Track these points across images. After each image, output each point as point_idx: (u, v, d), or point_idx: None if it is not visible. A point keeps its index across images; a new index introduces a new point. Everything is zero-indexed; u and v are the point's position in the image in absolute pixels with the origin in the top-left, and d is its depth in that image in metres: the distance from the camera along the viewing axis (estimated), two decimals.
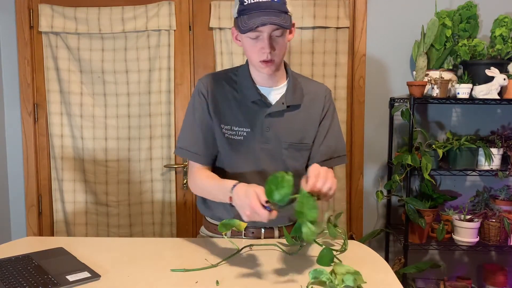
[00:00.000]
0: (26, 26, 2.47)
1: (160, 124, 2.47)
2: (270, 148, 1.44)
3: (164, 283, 1.16)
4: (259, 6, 1.27)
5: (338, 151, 1.51)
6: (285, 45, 1.38)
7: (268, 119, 1.43)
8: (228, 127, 1.44)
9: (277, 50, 1.34)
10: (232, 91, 1.46)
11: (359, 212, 2.47)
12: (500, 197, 2.33)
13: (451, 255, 2.49)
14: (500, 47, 2.17)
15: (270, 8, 1.27)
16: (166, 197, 2.51)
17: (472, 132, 2.41)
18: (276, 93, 1.45)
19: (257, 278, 1.19)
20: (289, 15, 1.32)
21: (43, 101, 2.51)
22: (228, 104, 1.45)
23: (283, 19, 1.28)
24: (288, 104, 1.44)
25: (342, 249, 1.38)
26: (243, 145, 1.43)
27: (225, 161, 1.48)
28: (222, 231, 1.33)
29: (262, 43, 1.32)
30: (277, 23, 1.26)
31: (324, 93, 1.52)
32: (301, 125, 1.46)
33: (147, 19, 2.41)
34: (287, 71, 1.50)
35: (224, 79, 1.48)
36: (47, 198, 2.57)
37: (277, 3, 1.28)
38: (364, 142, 2.44)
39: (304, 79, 1.55)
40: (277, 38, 1.33)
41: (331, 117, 1.51)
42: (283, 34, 1.33)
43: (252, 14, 1.28)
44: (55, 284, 1.12)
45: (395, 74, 2.41)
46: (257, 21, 1.26)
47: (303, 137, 1.46)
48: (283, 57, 1.41)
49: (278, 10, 1.28)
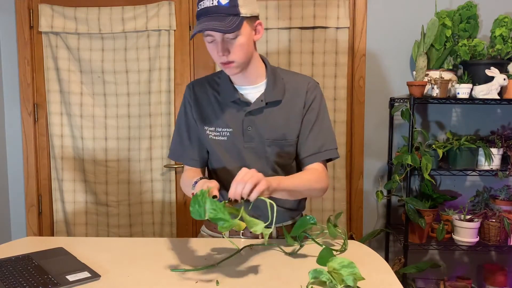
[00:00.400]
0: (26, 26, 2.47)
1: (160, 124, 2.47)
2: (254, 146, 1.45)
3: (164, 283, 1.16)
4: (207, 11, 1.30)
5: (326, 145, 1.47)
6: (244, 46, 1.34)
7: (248, 118, 1.44)
8: (212, 129, 1.48)
9: (233, 53, 1.34)
10: (214, 93, 1.50)
11: (359, 212, 2.47)
12: (500, 197, 2.33)
13: (451, 255, 2.49)
14: (500, 47, 2.17)
15: (217, 13, 1.28)
16: (166, 197, 2.51)
17: (472, 132, 2.41)
18: (256, 91, 1.46)
19: (257, 278, 1.19)
20: (240, 17, 1.30)
21: (43, 101, 2.51)
22: (211, 106, 1.49)
23: (227, 23, 1.28)
24: (267, 101, 1.44)
25: (342, 249, 1.38)
26: (228, 144, 1.46)
27: (213, 161, 1.53)
28: (222, 231, 1.33)
29: (217, 47, 1.34)
30: (211, 28, 1.26)
31: (305, 87, 1.48)
32: (282, 121, 1.46)
33: (147, 19, 2.41)
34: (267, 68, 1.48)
35: (208, 83, 1.52)
36: (47, 198, 2.57)
37: (225, 7, 1.28)
38: (364, 142, 2.44)
39: (289, 74, 1.52)
40: (231, 41, 1.33)
41: (317, 111, 1.48)
42: (238, 36, 1.32)
43: (200, 19, 1.31)
44: (55, 284, 1.12)
45: (395, 74, 2.41)
46: (198, 27, 1.29)
47: (285, 133, 1.46)
48: (247, 57, 1.38)
49: (225, 14, 1.28)
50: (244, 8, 1.30)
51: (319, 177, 1.44)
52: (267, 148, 1.45)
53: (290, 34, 2.39)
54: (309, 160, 1.47)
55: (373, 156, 2.46)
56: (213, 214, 1.13)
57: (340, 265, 0.98)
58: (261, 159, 1.46)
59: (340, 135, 2.40)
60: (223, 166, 1.49)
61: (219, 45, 1.33)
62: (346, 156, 2.44)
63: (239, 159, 1.46)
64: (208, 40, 1.35)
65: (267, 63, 1.50)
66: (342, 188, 2.44)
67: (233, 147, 1.46)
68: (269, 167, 1.47)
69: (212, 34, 1.32)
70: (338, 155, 1.50)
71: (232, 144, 1.46)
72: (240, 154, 1.46)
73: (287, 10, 2.36)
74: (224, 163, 1.48)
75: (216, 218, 1.13)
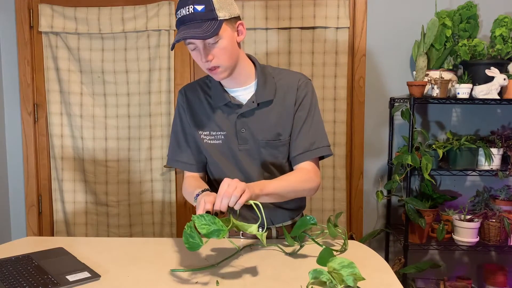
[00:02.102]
0: (26, 26, 2.47)
1: (160, 124, 2.47)
2: (248, 148, 1.44)
3: (164, 283, 1.16)
4: (183, 20, 1.30)
5: (317, 143, 1.45)
6: (227, 49, 1.32)
7: (241, 120, 1.43)
8: (206, 133, 1.47)
9: (217, 57, 1.32)
10: (206, 97, 1.49)
11: (359, 212, 2.47)
12: (500, 197, 2.33)
13: (451, 255, 2.49)
14: (500, 47, 2.17)
15: (193, 20, 1.28)
16: (166, 197, 2.51)
17: (472, 132, 2.41)
18: (246, 92, 1.45)
19: (257, 278, 1.19)
20: (218, 20, 1.28)
21: (43, 101, 2.51)
22: (204, 111, 1.48)
23: (205, 28, 1.26)
24: (259, 102, 1.42)
25: (342, 249, 1.38)
26: (223, 148, 1.45)
27: (210, 165, 1.51)
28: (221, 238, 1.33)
29: (199, 54, 1.33)
30: (190, 36, 1.25)
31: (296, 84, 1.45)
32: (275, 120, 1.44)
33: (147, 19, 2.41)
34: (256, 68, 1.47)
35: (199, 87, 1.51)
36: (47, 198, 2.57)
37: (201, 13, 1.27)
38: (364, 142, 2.44)
39: (279, 72, 1.50)
40: (213, 45, 1.31)
41: (308, 108, 1.45)
42: (218, 40, 1.30)
43: (180, 28, 1.31)
44: (55, 284, 1.12)
45: (395, 74, 2.41)
46: (176, 37, 1.29)
47: (279, 133, 1.44)
48: (233, 59, 1.36)
49: (201, 20, 1.27)
50: (221, 11, 1.28)
51: (308, 177, 1.41)
52: (261, 149, 1.44)
53: (290, 34, 2.38)
54: (300, 158, 1.43)
55: (373, 156, 2.46)
56: (205, 229, 1.11)
57: (340, 265, 0.98)
58: (255, 160, 1.45)
59: (340, 135, 2.40)
60: (219, 169, 1.48)
61: (201, 51, 1.32)
62: (346, 156, 2.44)
63: (234, 162, 1.46)
64: (190, 48, 1.34)
65: (256, 63, 1.47)
66: (342, 188, 2.44)
67: (228, 150, 1.45)
68: (264, 168, 1.46)
69: (194, 42, 1.31)
70: (330, 152, 1.47)
71: (227, 147, 1.45)
72: (235, 157, 1.45)
73: (287, 10, 2.36)
74: (220, 167, 1.47)
75: (211, 231, 1.12)
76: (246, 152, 1.45)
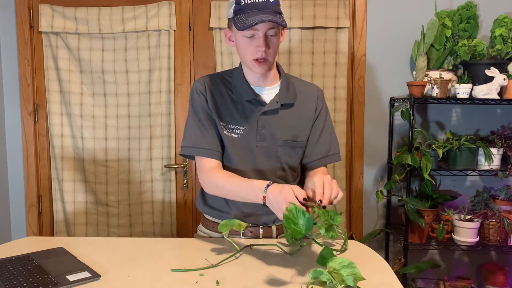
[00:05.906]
0: (26, 26, 2.47)
1: (160, 124, 2.47)
2: (266, 146, 1.47)
3: (164, 283, 1.16)
4: (255, 6, 1.32)
5: (332, 149, 1.55)
6: (278, 46, 1.42)
7: (263, 117, 1.46)
8: (226, 125, 1.47)
9: (271, 49, 1.39)
10: (228, 91, 1.50)
11: (359, 212, 2.47)
12: (500, 197, 2.33)
13: (451, 255, 2.49)
14: (500, 47, 2.18)
15: (266, 8, 1.32)
16: (166, 197, 2.51)
17: (472, 132, 2.41)
18: (270, 92, 1.49)
19: (257, 278, 1.19)
20: (282, 16, 1.36)
21: (43, 101, 2.51)
22: (225, 103, 1.48)
23: (279, 18, 1.33)
24: (282, 103, 1.47)
25: (342, 249, 1.38)
26: (241, 142, 1.47)
27: (224, 158, 1.50)
28: (222, 230, 1.34)
29: (257, 42, 1.36)
30: (275, 21, 1.30)
31: (316, 93, 1.56)
32: (294, 123, 1.50)
33: (147, 19, 2.41)
34: (280, 72, 1.54)
35: (219, 80, 1.52)
36: (47, 198, 2.57)
37: (272, 4, 1.34)
38: (364, 142, 2.44)
39: (296, 80, 1.60)
40: (271, 38, 1.37)
41: (325, 117, 1.56)
42: (277, 34, 1.38)
43: (250, 12, 1.32)
44: (55, 284, 1.12)
45: (395, 74, 2.41)
46: (256, 18, 1.30)
47: (296, 134, 1.50)
48: (275, 58, 1.46)
49: (273, 11, 1.33)
50: (282, 8, 1.37)
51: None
52: (279, 148, 1.48)
53: (290, 34, 2.39)
54: (316, 164, 1.52)
55: (373, 156, 2.46)
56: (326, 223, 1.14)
57: (340, 265, 0.98)
58: (271, 158, 1.48)
59: (340, 135, 2.40)
60: (233, 163, 1.48)
61: (261, 40, 1.35)
62: (346, 156, 2.44)
63: (250, 158, 1.47)
64: (248, 34, 1.36)
65: (280, 67, 1.54)
66: (342, 188, 2.44)
67: (245, 146, 1.47)
68: (279, 166, 1.49)
69: (258, 29, 1.34)
70: (340, 158, 1.58)
71: (245, 142, 1.46)
72: (252, 153, 1.47)
73: (287, 10, 2.36)
74: (234, 161, 1.47)
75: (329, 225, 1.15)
76: (263, 149, 1.47)
